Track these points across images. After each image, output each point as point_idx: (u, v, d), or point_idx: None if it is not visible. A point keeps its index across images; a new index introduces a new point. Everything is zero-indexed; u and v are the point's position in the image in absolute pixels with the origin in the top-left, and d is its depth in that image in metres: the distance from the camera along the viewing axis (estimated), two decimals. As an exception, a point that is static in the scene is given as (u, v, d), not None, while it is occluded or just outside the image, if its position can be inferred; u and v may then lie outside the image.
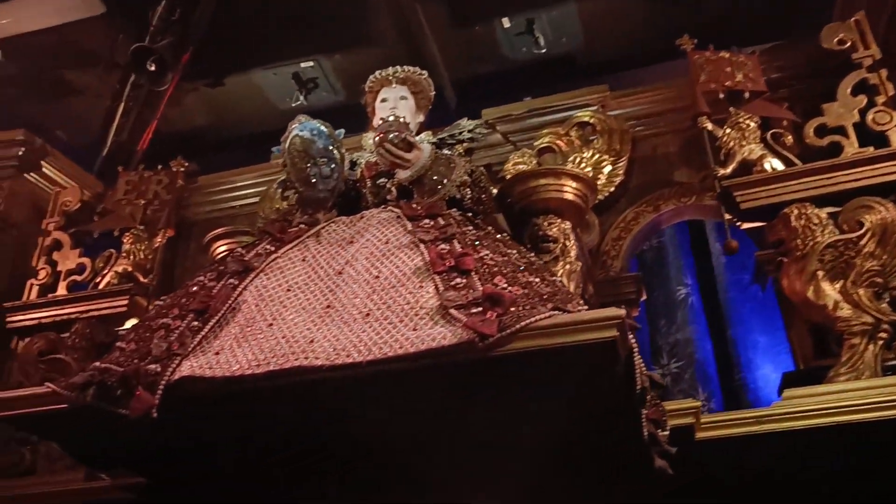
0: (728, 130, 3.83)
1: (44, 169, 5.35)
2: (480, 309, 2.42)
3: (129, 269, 4.68)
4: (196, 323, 2.75)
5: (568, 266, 3.43)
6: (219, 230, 4.30)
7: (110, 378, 2.63)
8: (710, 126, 3.87)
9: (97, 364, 2.71)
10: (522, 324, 2.34)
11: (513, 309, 2.40)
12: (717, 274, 5.02)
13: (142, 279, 4.64)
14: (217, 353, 2.63)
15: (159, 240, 4.80)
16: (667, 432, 2.70)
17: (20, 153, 5.22)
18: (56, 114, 5.73)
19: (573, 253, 3.48)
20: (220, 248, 4.14)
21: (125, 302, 4.52)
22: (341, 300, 2.71)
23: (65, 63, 5.52)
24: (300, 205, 3.26)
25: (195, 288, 2.95)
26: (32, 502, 3.94)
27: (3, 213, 5.17)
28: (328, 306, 2.71)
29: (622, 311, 2.31)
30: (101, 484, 3.82)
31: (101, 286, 4.67)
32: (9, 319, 4.72)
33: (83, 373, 2.70)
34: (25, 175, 5.30)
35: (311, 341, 2.56)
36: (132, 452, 3.05)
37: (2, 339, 4.72)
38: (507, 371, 2.44)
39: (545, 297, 2.58)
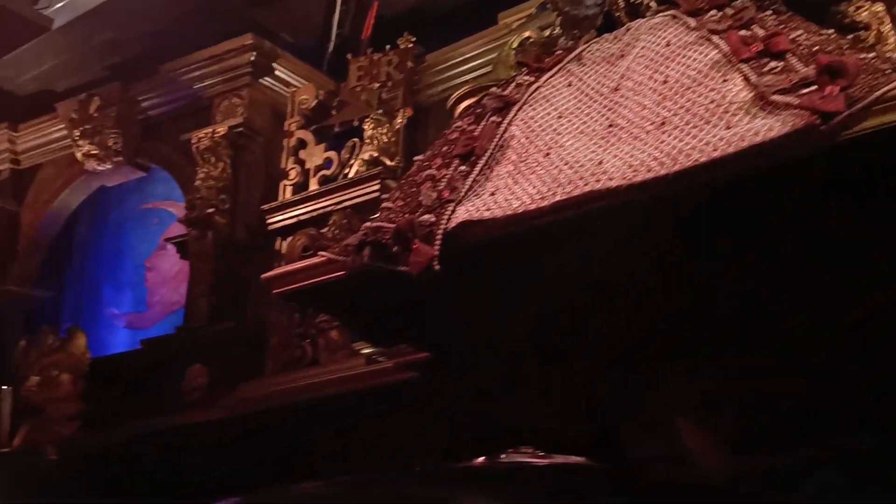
0: None
1: (276, 72, 5.35)
2: (815, 87, 1.93)
3: (375, 154, 4.56)
4: (463, 167, 2.48)
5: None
6: (463, 89, 4.01)
7: (383, 236, 2.41)
8: None
9: (367, 224, 2.50)
10: (882, 91, 1.82)
11: (861, 78, 1.88)
12: None
13: (389, 163, 4.52)
14: (493, 194, 2.35)
15: (399, 121, 4.66)
16: None
17: (252, 58, 5.24)
18: (278, 15, 5.67)
19: (892, 40, 2.83)
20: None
21: (377, 187, 4.45)
22: (625, 116, 2.33)
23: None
24: (564, 28, 2.87)
25: (455, 135, 2.67)
26: (318, 389, 3.97)
27: (246, 122, 5.25)
28: (610, 125, 2.34)
29: None
30: (383, 366, 3.76)
31: (350, 176, 4.61)
32: (269, 221, 4.80)
33: (354, 234, 2.51)
34: (260, 81, 5.32)
35: (600, 163, 2.20)
36: (412, 321, 2.88)
37: (266, 241, 4.81)
38: (856, 161, 1.94)
39: (887, 71, 2.03)
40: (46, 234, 6.20)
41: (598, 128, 2.36)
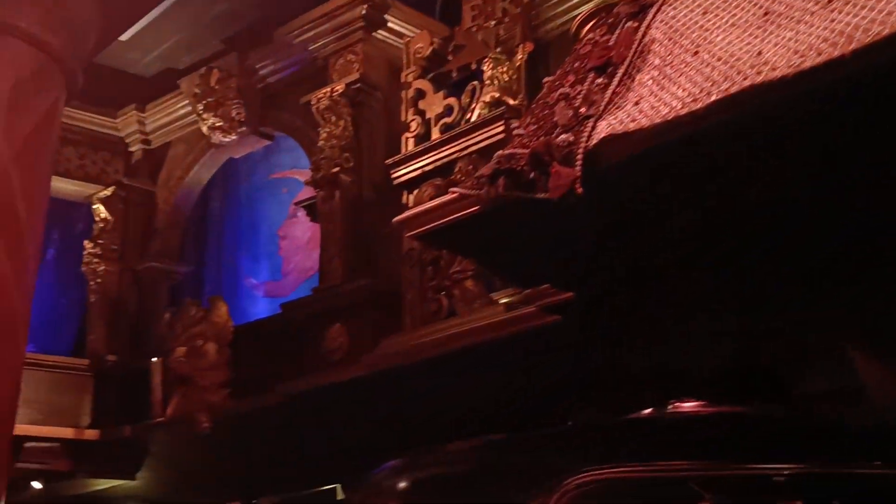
0: None
1: (389, 24, 5.22)
2: None
3: (497, 95, 4.37)
4: (601, 80, 2.26)
5: None
6: (587, 9, 3.74)
7: (518, 162, 2.22)
8: None
9: (500, 152, 2.32)
10: None
11: None
12: None
13: (511, 102, 4.32)
14: (636, 104, 2.12)
15: (520, 57, 4.44)
16: None
17: (363, 12, 5.12)
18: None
19: None
20: (593, 30, 3.60)
21: (501, 128, 4.26)
22: (782, 0, 2.04)
23: None
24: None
25: (587, 48, 2.44)
26: (458, 340, 3.86)
27: (363, 77, 5.15)
28: (766, 13, 2.06)
29: None
30: (524, 312, 3.60)
31: (472, 120, 4.44)
32: (393, 175, 4.70)
33: (487, 165, 2.34)
34: (373, 34, 5.21)
35: (759, 54, 1.94)
36: (553, 256, 2.69)
37: (392, 196, 4.72)
38: None
39: None
40: (182, 210, 6.34)
41: (752, 18, 2.09)
